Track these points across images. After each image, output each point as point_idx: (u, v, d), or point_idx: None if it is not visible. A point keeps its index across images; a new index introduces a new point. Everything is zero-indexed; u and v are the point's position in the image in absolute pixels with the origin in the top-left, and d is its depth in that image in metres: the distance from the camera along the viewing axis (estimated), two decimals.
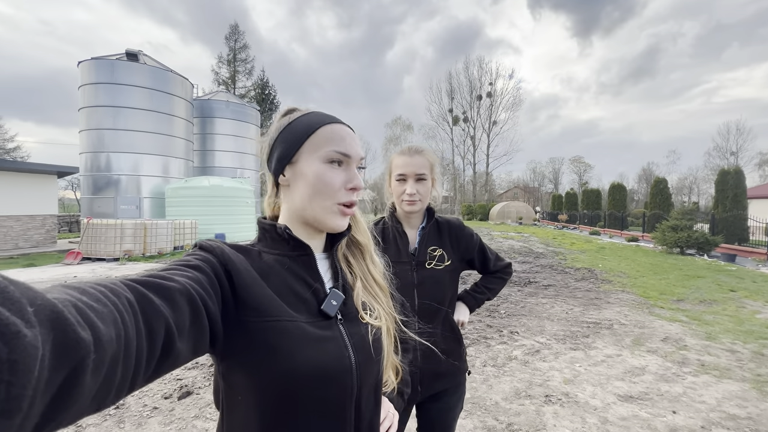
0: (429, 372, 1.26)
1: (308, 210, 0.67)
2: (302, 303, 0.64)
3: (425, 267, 1.27)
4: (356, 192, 0.68)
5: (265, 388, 0.57)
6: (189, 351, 0.48)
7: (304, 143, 0.67)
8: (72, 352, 0.29)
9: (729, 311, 5.57)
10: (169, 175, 16.68)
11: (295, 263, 0.67)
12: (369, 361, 0.67)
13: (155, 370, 0.42)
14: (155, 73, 16.39)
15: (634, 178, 56.93)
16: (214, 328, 0.52)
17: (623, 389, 3.09)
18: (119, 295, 0.38)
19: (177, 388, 3.09)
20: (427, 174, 1.26)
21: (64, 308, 0.29)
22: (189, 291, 0.48)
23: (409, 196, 1.25)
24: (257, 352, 0.56)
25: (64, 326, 0.28)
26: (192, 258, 0.56)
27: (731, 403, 2.87)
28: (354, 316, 0.69)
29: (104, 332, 0.32)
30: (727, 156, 42.65)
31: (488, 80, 49.18)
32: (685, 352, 3.91)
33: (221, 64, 36.28)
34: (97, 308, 0.33)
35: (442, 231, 1.35)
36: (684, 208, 13.81)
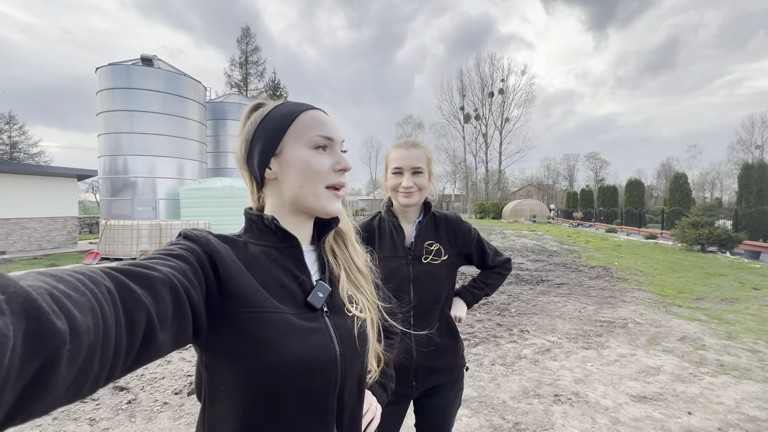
0: (424, 367, 1.25)
1: (301, 198, 0.66)
2: (288, 294, 0.63)
3: (422, 261, 1.26)
4: (344, 173, 0.68)
5: (248, 379, 0.57)
6: (171, 342, 0.47)
7: (285, 133, 0.66)
8: (46, 341, 0.28)
9: (752, 310, 5.35)
10: (183, 176, 17.03)
11: (281, 255, 0.66)
12: (354, 354, 0.66)
13: (135, 361, 0.41)
14: (169, 77, 16.74)
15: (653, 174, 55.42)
16: (197, 319, 0.51)
17: (636, 389, 3.00)
18: (98, 284, 0.37)
19: (187, 384, 3.14)
20: (423, 167, 1.25)
21: (38, 296, 0.29)
22: (171, 280, 0.47)
23: (405, 188, 1.24)
24: (242, 342, 0.56)
25: (38, 315, 0.28)
26: (176, 247, 0.55)
27: (751, 405, 2.76)
28: (340, 308, 0.69)
29: (81, 321, 0.31)
30: (752, 150, 41.07)
31: (500, 77, 48.61)
32: (703, 352, 3.78)
33: (233, 66, 36.90)
34: (74, 297, 0.33)
35: (439, 225, 1.33)
36: (705, 204, 13.36)
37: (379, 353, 0.80)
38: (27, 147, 35.73)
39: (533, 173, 63.45)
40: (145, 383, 3.17)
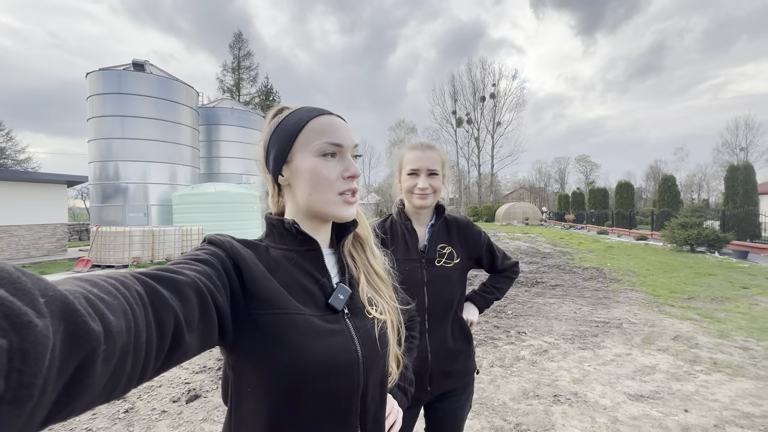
0: (438, 371, 1.24)
1: (312, 205, 0.68)
2: (310, 297, 0.65)
3: (435, 265, 1.26)
4: (354, 179, 0.68)
5: (273, 379, 0.58)
6: (198, 343, 0.48)
7: (295, 141, 0.67)
8: (83, 342, 0.29)
9: (742, 308, 5.47)
10: (176, 182, 16.88)
11: (302, 258, 0.68)
12: (375, 355, 0.67)
13: (164, 362, 0.42)
14: (161, 82, 16.64)
15: (642, 177, 56.27)
16: (223, 321, 0.53)
17: (633, 388, 3.04)
18: (129, 288, 0.39)
19: (185, 392, 3.11)
20: (438, 170, 1.26)
21: (75, 300, 0.30)
22: (198, 284, 0.48)
23: (421, 190, 1.24)
24: (266, 344, 0.57)
25: (74, 317, 0.29)
26: (201, 252, 0.57)
27: (745, 401, 2.81)
28: (360, 310, 0.70)
29: (114, 324, 0.33)
30: (737, 152, 42.01)
31: (491, 81, 49.12)
32: (696, 351, 3.85)
33: (226, 71, 36.77)
34: (107, 300, 0.34)
35: (450, 229, 1.34)
36: (693, 205, 13.63)
37: (399, 357, 0.81)
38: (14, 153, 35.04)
39: (525, 176, 64.07)
40: (142, 391, 3.12)
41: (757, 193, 15.10)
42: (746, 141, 41.66)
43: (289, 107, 0.73)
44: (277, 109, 0.74)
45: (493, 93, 48.74)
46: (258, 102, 36.95)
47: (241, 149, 21.41)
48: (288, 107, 0.73)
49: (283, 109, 0.73)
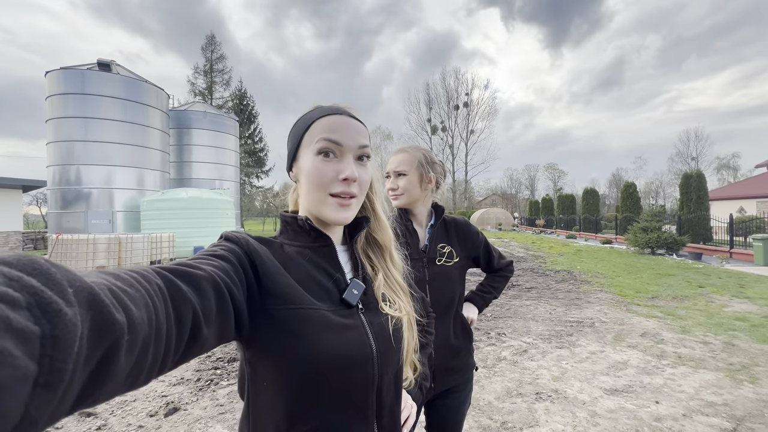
0: (442, 368, 1.27)
1: (309, 203, 0.69)
2: (324, 292, 0.65)
3: (436, 264, 1.29)
4: (350, 182, 0.66)
5: (289, 373, 0.59)
6: (215, 337, 0.49)
7: (302, 138, 0.68)
8: (108, 331, 0.30)
9: (699, 306, 5.87)
10: (144, 187, 16.16)
11: (316, 254, 0.69)
12: (389, 350, 0.68)
13: (183, 354, 0.43)
14: (129, 83, 15.96)
15: (605, 184, 59.32)
16: (239, 316, 0.54)
17: (608, 383, 3.20)
18: (150, 282, 0.40)
19: (163, 405, 2.97)
20: (407, 170, 1.30)
21: (100, 291, 0.31)
22: (215, 279, 0.49)
23: (390, 191, 1.31)
24: (282, 338, 0.58)
25: (100, 307, 0.30)
26: (218, 248, 0.58)
27: (708, 392, 3.03)
28: (374, 306, 0.71)
29: (137, 315, 0.34)
30: (689, 161, 45.24)
31: (465, 90, 50.49)
32: (662, 346, 4.10)
33: (197, 74, 35.69)
34: (130, 292, 0.35)
35: (449, 229, 1.38)
36: (652, 210, 14.55)
37: (415, 363, 0.81)
38: None
39: (497, 183, 65.99)
40: (115, 407, 2.96)
41: (708, 199, 16.30)
42: (696, 151, 45.00)
43: (321, 105, 0.73)
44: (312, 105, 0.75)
45: (466, 102, 50.10)
46: (231, 106, 36.08)
47: (214, 154, 20.80)
48: (320, 105, 0.73)
49: (316, 107, 0.74)
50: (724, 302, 6.11)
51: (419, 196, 1.32)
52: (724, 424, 2.56)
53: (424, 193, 1.34)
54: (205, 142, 20.50)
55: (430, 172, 1.34)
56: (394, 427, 0.71)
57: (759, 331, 4.56)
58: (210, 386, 3.30)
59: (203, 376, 3.49)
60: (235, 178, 22.53)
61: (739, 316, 5.20)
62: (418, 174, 1.31)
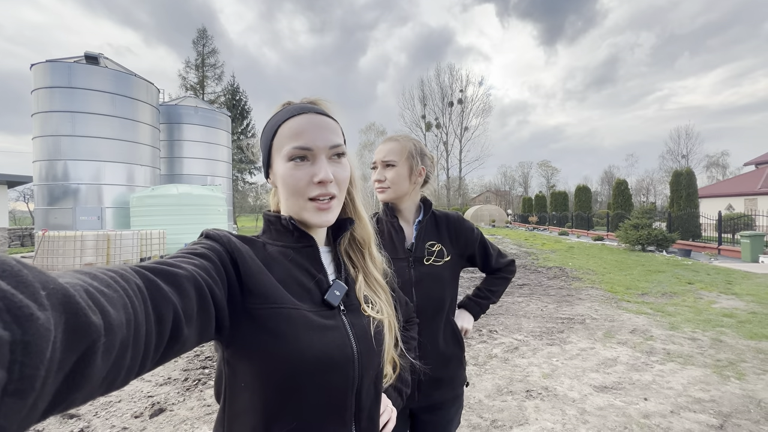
0: (428, 377, 1.16)
1: (289, 209, 0.68)
2: (306, 292, 0.65)
3: (423, 263, 1.19)
4: (326, 184, 0.65)
5: (268, 374, 0.58)
6: (195, 337, 0.48)
7: (272, 146, 0.67)
8: (83, 335, 0.29)
9: (688, 302, 5.94)
10: (134, 183, 15.90)
11: (298, 254, 0.68)
12: (370, 352, 0.67)
13: (163, 355, 0.43)
14: (117, 77, 15.65)
15: (597, 181, 59.88)
16: (220, 315, 0.53)
17: (598, 380, 3.21)
18: (129, 281, 0.39)
19: (148, 406, 2.91)
20: (396, 160, 1.18)
21: (75, 293, 0.30)
22: (196, 278, 0.49)
23: (376, 182, 1.20)
24: (262, 338, 0.57)
25: (75, 310, 0.29)
26: (199, 246, 0.57)
27: (696, 388, 3.05)
28: (356, 307, 0.70)
29: (114, 317, 0.33)
30: (679, 159, 45.81)
31: (459, 87, 50.54)
32: (651, 342, 4.13)
33: (189, 68, 35.12)
34: (107, 293, 0.34)
35: (440, 225, 1.27)
36: (643, 208, 14.68)
37: (395, 359, 0.80)
38: None
39: (491, 180, 66.20)
40: (99, 408, 2.90)
41: (697, 196, 16.52)
42: (687, 149, 45.58)
43: (291, 102, 0.72)
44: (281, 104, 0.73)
45: (460, 99, 50.15)
46: (224, 101, 35.62)
47: (205, 149, 20.54)
48: (290, 102, 0.72)
49: (286, 103, 0.72)
50: (712, 299, 6.19)
51: (407, 189, 1.22)
52: (711, 420, 2.58)
53: (413, 186, 1.23)
54: (196, 137, 20.21)
55: (420, 164, 1.22)
56: (372, 430, 0.70)
57: (746, 327, 4.63)
58: (198, 386, 3.25)
59: (191, 376, 3.43)
60: (227, 175, 22.30)
61: (727, 313, 5.27)
62: (407, 166, 1.20)
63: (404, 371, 0.87)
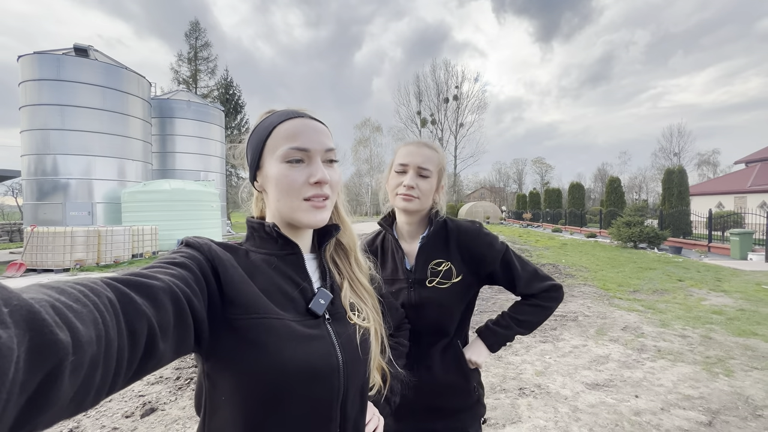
0: (423, 405, 1.05)
1: (282, 211, 0.66)
2: (290, 302, 0.63)
3: (425, 285, 1.06)
4: (321, 185, 0.65)
5: (250, 386, 0.56)
6: (172, 351, 0.47)
7: (264, 147, 0.66)
8: (49, 353, 0.28)
9: (678, 299, 6.02)
10: (125, 178, 15.68)
11: (282, 262, 0.67)
12: (356, 362, 0.66)
13: (137, 371, 0.41)
14: (108, 69, 15.35)
15: (591, 178, 60.28)
16: (199, 327, 0.51)
17: (590, 378, 3.24)
18: (99, 295, 0.37)
19: (139, 405, 2.88)
20: (432, 171, 1.06)
21: (41, 309, 0.28)
22: (173, 289, 0.47)
23: (406, 188, 1.03)
24: (243, 349, 0.55)
25: (41, 327, 0.28)
26: (178, 255, 0.56)
27: (685, 385, 3.09)
28: (342, 315, 0.69)
29: (83, 333, 0.31)
30: (671, 157, 46.26)
31: (455, 83, 50.49)
32: (643, 340, 4.18)
33: (181, 62, 34.60)
34: (76, 308, 0.32)
35: (450, 239, 1.10)
36: (636, 205, 14.84)
37: (384, 367, 0.79)
38: None
39: (486, 177, 66.37)
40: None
41: (689, 194, 16.74)
42: (679, 147, 46.04)
43: (274, 110, 0.71)
44: (264, 111, 0.72)
45: (456, 95, 50.12)
46: (217, 95, 35.19)
47: (198, 144, 20.31)
48: (274, 110, 0.71)
49: (268, 112, 0.71)
50: (702, 296, 6.27)
51: (429, 205, 1.09)
52: (700, 417, 2.62)
53: (431, 203, 1.10)
54: (189, 132, 19.96)
55: (442, 180, 1.12)
56: None
57: (734, 324, 4.70)
58: (190, 385, 3.22)
59: (183, 375, 3.40)
60: (220, 170, 22.10)
61: (716, 310, 5.35)
62: (437, 179, 1.09)
63: (394, 379, 0.86)
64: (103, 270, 9.77)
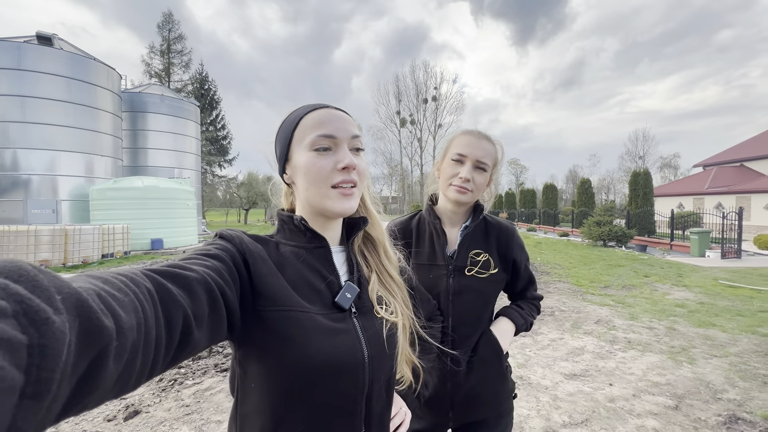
0: (463, 394, 1.05)
1: (311, 200, 0.67)
2: (317, 294, 0.64)
3: (464, 274, 1.06)
4: (349, 171, 0.65)
5: (277, 377, 0.58)
6: (207, 339, 0.49)
7: (292, 138, 0.67)
8: (96, 338, 0.30)
9: (645, 294, 6.40)
10: (93, 175, 14.94)
11: (311, 255, 0.67)
12: (382, 356, 0.66)
13: (173, 358, 0.43)
14: (74, 60, 14.57)
15: (563, 179, 62.57)
16: (231, 316, 0.53)
17: (568, 368, 3.42)
18: (139, 285, 0.39)
19: (122, 408, 2.80)
20: (489, 165, 1.06)
21: (88, 297, 0.30)
22: (207, 280, 0.49)
23: (462, 180, 1.03)
24: (270, 340, 0.57)
25: (88, 313, 0.29)
26: (212, 247, 0.57)
27: (654, 373, 3.32)
28: (369, 309, 0.69)
29: (125, 320, 0.33)
30: (636, 159, 48.64)
31: (433, 84, 51.00)
32: (614, 332, 4.43)
33: (153, 54, 33.20)
34: (118, 297, 0.34)
35: (490, 233, 1.12)
36: (605, 206, 15.56)
37: (414, 362, 0.79)
38: None
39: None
40: None
41: (653, 195, 17.70)
42: (643, 150, 48.47)
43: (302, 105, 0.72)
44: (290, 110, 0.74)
45: (435, 96, 50.67)
46: (191, 90, 34.04)
47: (172, 140, 19.58)
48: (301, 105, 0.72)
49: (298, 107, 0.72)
50: (666, 290, 6.69)
51: (478, 197, 1.11)
52: (668, 401, 2.83)
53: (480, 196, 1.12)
54: (162, 127, 19.22)
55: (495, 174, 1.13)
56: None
57: (695, 316, 5.06)
58: (174, 386, 3.16)
59: (166, 376, 3.33)
60: (195, 167, 21.41)
61: (679, 303, 5.73)
62: (490, 174, 1.09)
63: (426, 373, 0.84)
64: (71, 270, 9.29)
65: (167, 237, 13.38)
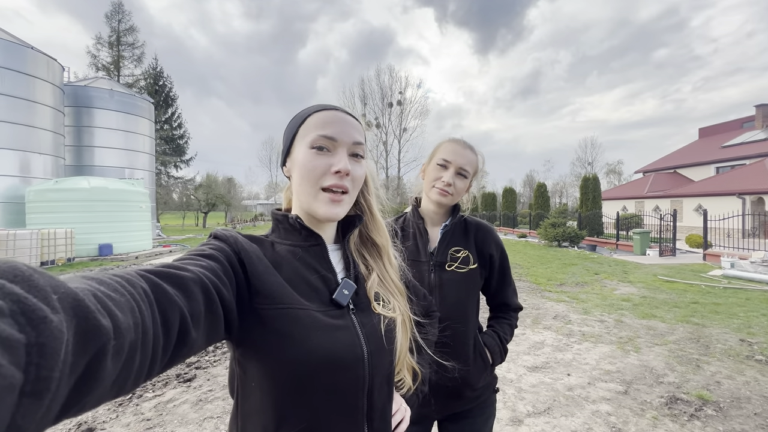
0: (444, 387, 1.10)
1: (301, 198, 0.67)
2: (314, 292, 0.64)
3: (445, 269, 1.15)
4: (342, 176, 0.64)
5: (277, 374, 0.58)
6: (204, 339, 0.49)
7: (296, 133, 0.68)
8: (94, 337, 0.30)
9: (596, 290, 6.90)
10: (30, 174, 13.57)
11: (307, 253, 0.68)
12: (381, 351, 0.66)
13: (171, 358, 0.43)
14: (8, 47, 13.18)
15: (521, 183, 65.75)
16: (228, 316, 0.53)
17: (530, 362, 3.62)
18: (135, 286, 0.39)
19: (73, 427, 2.60)
20: (469, 173, 1.16)
21: (84, 297, 0.30)
22: (203, 280, 0.49)
23: (444, 184, 1.13)
24: (269, 338, 0.57)
25: (85, 313, 0.30)
26: (206, 247, 0.57)
27: (605, 362, 3.61)
28: (366, 306, 0.69)
29: (122, 320, 0.33)
30: (586, 165, 52.32)
31: (398, 88, 51.63)
32: (570, 326, 4.75)
33: (101, 45, 30.77)
34: (114, 297, 0.34)
35: (468, 231, 1.22)
36: (559, 209, 16.59)
37: (414, 367, 0.80)
38: None
39: None
40: None
41: (601, 198, 19.08)
42: (592, 157, 52.19)
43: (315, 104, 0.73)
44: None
45: (400, 100, 51.30)
46: (144, 86, 31.95)
47: (123, 139, 18.22)
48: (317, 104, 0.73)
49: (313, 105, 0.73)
50: (614, 286, 7.26)
51: (457, 200, 1.21)
52: (618, 387, 3.08)
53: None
54: (111, 124, 17.84)
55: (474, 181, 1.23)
56: (385, 430, 0.70)
57: (639, 309, 5.54)
58: (132, 399, 2.97)
59: None
60: (149, 168, 20.10)
61: (625, 298, 6.25)
62: (470, 182, 1.19)
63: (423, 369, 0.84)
64: None
65: (118, 242, 12.44)
